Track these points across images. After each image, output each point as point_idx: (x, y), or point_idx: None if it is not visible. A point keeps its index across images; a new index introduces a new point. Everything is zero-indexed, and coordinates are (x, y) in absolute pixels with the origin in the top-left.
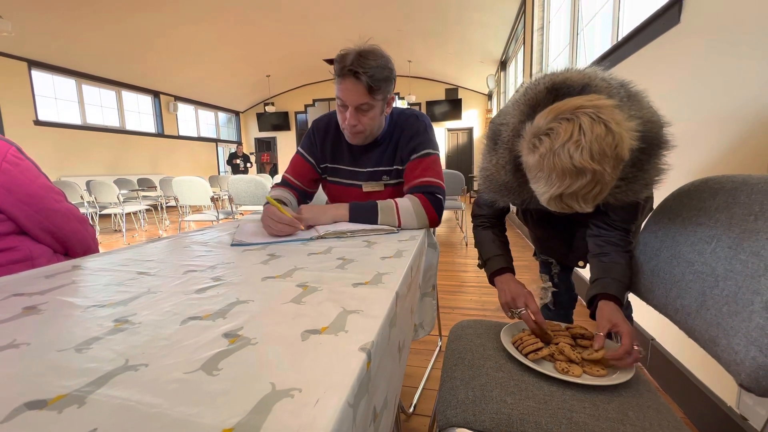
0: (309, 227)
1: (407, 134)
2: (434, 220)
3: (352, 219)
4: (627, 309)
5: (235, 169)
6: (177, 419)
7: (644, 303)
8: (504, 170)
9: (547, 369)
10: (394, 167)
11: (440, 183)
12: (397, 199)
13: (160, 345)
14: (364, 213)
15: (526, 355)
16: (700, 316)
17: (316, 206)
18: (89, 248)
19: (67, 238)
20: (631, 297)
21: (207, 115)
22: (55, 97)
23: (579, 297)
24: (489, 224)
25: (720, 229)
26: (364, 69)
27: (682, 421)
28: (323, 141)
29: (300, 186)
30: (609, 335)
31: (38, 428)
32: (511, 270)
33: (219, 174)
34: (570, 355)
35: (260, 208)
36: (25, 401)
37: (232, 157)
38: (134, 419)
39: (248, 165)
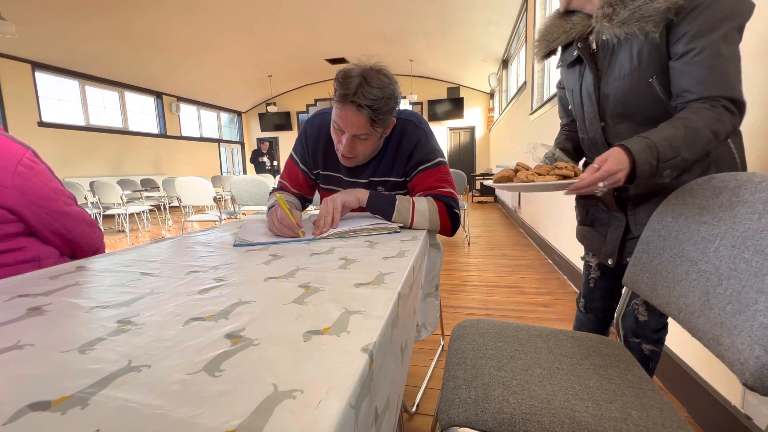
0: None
1: (408, 145)
2: (447, 231)
3: (369, 206)
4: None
5: (260, 168)
6: (179, 420)
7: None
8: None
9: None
10: (392, 179)
11: (456, 195)
12: (415, 199)
13: (163, 346)
14: (381, 204)
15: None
16: (704, 315)
17: (343, 191)
18: (97, 251)
19: (76, 241)
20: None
21: (209, 116)
22: (59, 98)
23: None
24: (560, 138)
25: (724, 228)
26: (368, 101)
27: (686, 420)
28: (315, 147)
29: (297, 192)
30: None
31: (42, 430)
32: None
33: (221, 174)
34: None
35: (263, 208)
36: (29, 402)
37: (257, 154)
38: (137, 420)
39: (274, 163)
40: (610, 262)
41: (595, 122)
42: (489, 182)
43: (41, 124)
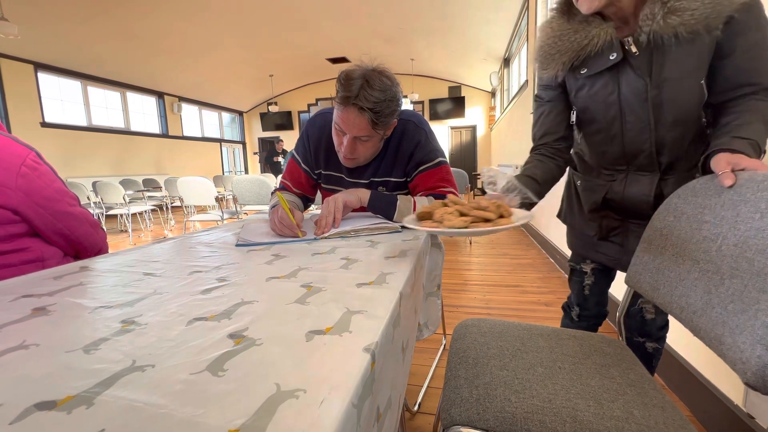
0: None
1: (408, 145)
2: None
3: (370, 205)
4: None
5: (276, 168)
6: (183, 420)
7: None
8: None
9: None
10: (392, 179)
11: (457, 195)
12: (416, 199)
13: (167, 346)
14: (382, 203)
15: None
16: (706, 315)
17: (344, 191)
18: (100, 251)
19: (79, 241)
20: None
21: (211, 116)
22: (61, 98)
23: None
24: (532, 162)
25: (726, 227)
26: (370, 104)
27: (688, 419)
28: (317, 147)
29: (299, 192)
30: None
31: (48, 429)
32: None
33: (223, 174)
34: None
35: (265, 207)
36: (35, 402)
37: (273, 154)
38: (141, 420)
39: None
40: None
41: (644, 132)
42: (406, 221)
43: (44, 124)
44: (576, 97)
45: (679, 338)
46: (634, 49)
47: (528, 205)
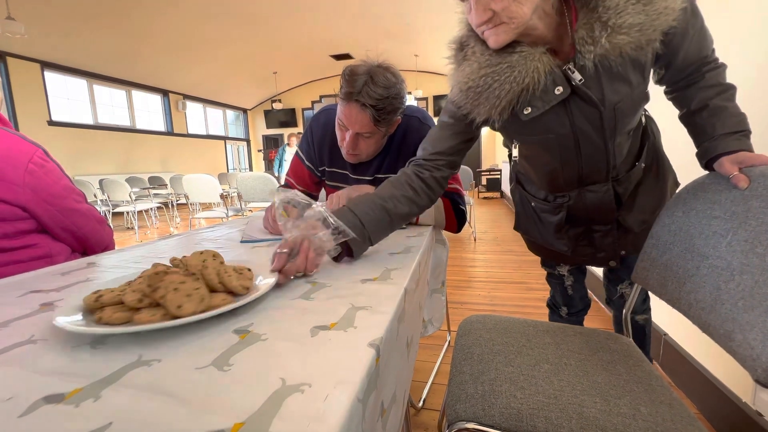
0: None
1: (412, 141)
2: (453, 227)
3: None
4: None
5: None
6: (189, 413)
7: (657, 297)
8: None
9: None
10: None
11: (462, 191)
12: None
13: (173, 341)
14: None
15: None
16: (715, 311)
17: (348, 188)
18: (107, 248)
19: (86, 238)
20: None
21: (215, 113)
22: (68, 97)
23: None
24: (396, 177)
25: (736, 222)
26: (373, 100)
27: (696, 417)
28: (321, 144)
29: (302, 190)
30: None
31: (56, 422)
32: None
33: (228, 171)
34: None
35: (268, 204)
36: (44, 395)
37: (285, 152)
38: (148, 413)
39: None
40: (612, 263)
41: (599, 154)
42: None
43: (51, 123)
44: (519, 136)
45: (686, 335)
46: (578, 76)
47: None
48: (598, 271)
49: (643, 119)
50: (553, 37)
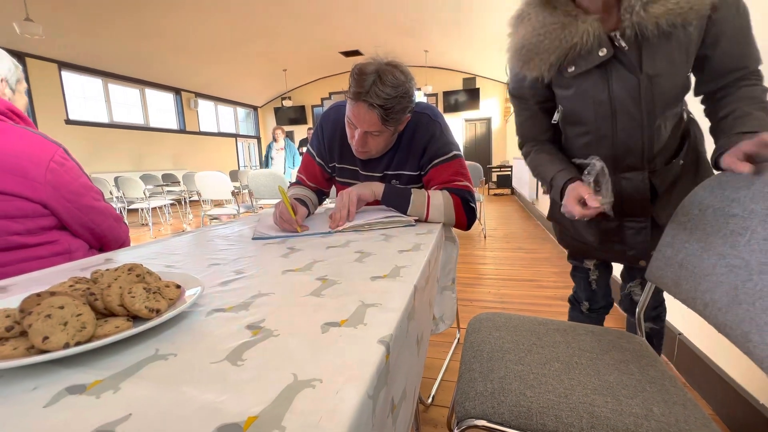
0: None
1: (422, 138)
2: (463, 225)
3: (384, 199)
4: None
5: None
6: (205, 405)
7: (671, 297)
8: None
9: None
10: (406, 172)
11: (472, 188)
12: (430, 193)
13: (188, 335)
14: (396, 197)
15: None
16: (732, 311)
17: (359, 185)
18: (123, 244)
19: (103, 234)
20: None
21: (226, 111)
22: (84, 96)
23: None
24: (538, 147)
25: (755, 221)
26: (381, 100)
27: (711, 418)
28: (331, 140)
29: (314, 186)
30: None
31: (79, 411)
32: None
33: (239, 169)
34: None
35: (279, 200)
36: (66, 386)
37: (303, 143)
38: (165, 405)
39: None
40: (642, 263)
41: (636, 131)
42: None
43: (68, 121)
44: (562, 97)
45: (701, 336)
46: (623, 43)
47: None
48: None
49: (685, 116)
50: (613, 4)
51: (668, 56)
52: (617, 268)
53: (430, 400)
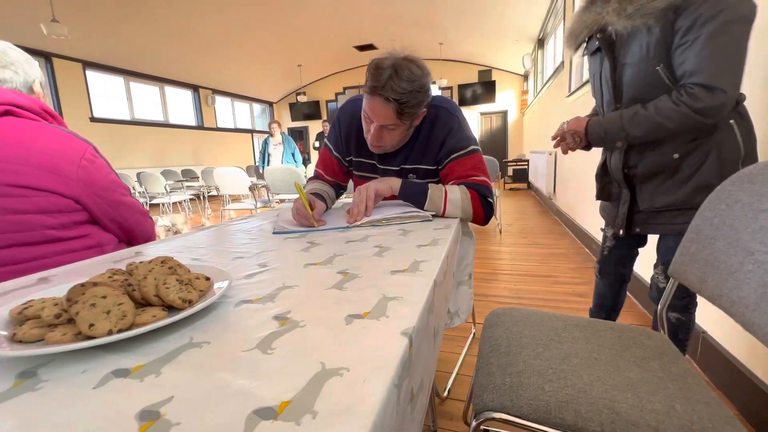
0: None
1: (440, 132)
2: (480, 220)
3: (401, 194)
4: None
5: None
6: (240, 390)
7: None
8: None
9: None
10: (423, 166)
11: (489, 183)
12: (447, 188)
13: (219, 325)
14: (413, 192)
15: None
16: (760, 309)
17: (377, 180)
18: (150, 238)
19: (131, 229)
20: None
21: (242, 107)
22: (107, 94)
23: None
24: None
25: None
26: (396, 95)
27: (735, 417)
28: (348, 133)
29: (332, 180)
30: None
31: (126, 393)
32: None
33: (255, 164)
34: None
35: (296, 196)
36: (112, 370)
37: (320, 137)
38: (204, 389)
39: None
40: (621, 232)
41: (611, 105)
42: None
43: (93, 119)
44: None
45: (727, 333)
46: (613, 36)
47: None
48: (637, 270)
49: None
50: None
51: (630, 51)
52: (640, 262)
53: (446, 393)
